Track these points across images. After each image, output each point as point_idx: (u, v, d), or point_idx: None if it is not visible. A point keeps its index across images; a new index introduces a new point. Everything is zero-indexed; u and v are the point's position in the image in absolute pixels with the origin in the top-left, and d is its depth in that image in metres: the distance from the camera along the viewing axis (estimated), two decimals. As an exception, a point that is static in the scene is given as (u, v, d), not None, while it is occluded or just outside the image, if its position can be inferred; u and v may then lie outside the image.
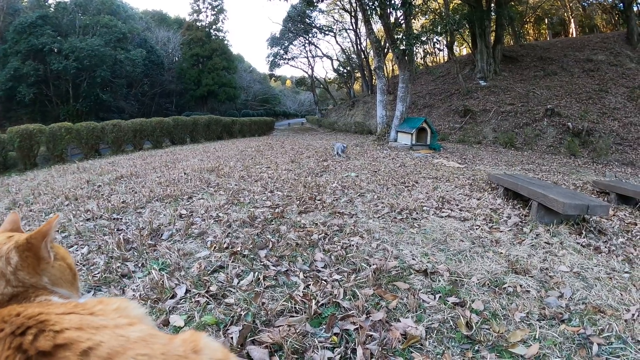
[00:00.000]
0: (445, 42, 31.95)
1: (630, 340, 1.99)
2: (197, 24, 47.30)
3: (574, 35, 33.33)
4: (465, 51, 37.06)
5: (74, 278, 0.89)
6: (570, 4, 35.34)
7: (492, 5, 23.27)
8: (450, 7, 25.62)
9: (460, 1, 25.35)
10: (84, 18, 32.58)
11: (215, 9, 48.01)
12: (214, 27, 48.27)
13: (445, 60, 35.24)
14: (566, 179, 8.16)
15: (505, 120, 17.66)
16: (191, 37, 45.49)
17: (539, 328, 2.05)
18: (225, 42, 49.67)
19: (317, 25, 39.83)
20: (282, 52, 40.95)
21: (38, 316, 0.63)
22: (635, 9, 25.82)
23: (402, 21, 15.78)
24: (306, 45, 42.60)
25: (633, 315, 2.25)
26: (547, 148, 14.86)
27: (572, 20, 36.21)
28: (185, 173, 6.47)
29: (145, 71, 37.56)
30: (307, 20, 38.20)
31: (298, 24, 38.33)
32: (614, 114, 15.96)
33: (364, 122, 25.04)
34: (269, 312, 2.03)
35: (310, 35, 40.97)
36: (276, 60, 41.07)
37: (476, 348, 1.85)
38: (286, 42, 40.59)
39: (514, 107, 18.27)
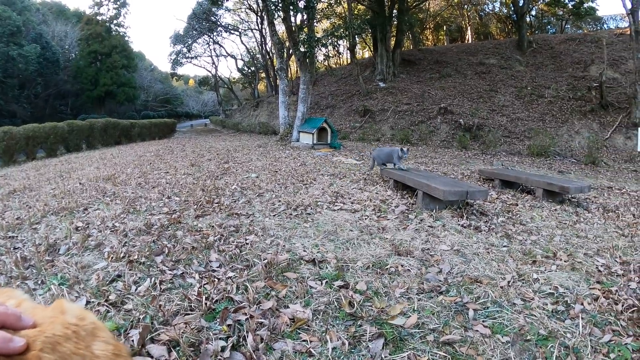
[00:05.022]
0: (347, 46, 33.13)
1: (505, 303, 2.30)
2: (98, 17, 44.01)
3: (470, 42, 36.27)
4: (367, 54, 38.66)
5: None
6: (468, 13, 38.58)
7: (395, 11, 24.66)
8: (356, 11, 26.55)
9: (364, 7, 26.39)
10: (-27, 8, 28.32)
11: (118, 2, 45.07)
12: (115, 21, 45.36)
13: (348, 62, 36.40)
14: (456, 170, 8.96)
15: (402, 118, 18.84)
16: (90, 32, 42.13)
17: (418, 301, 2.30)
18: (126, 38, 47.09)
19: (223, 24, 39.08)
20: (185, 50, 39.38)
21: None
22: (527, 19, 28.95)
23: (306, 24, 16.07)
24: (211, 43, 41.57)
25: (509, 282, 2.59)
26: (441, 143, 16.18)
27: (469, 27, 39.57)
28: (80, 183, 6.07)
29: (39, 70, 33.65)
30: (212, 18, 37.20)
31: (203, 22, 37.16)
32: (502, 111, 17.86)
33: (268, 123, 25.00)
34: (165, 313, 2.07)
35: (215, 33, 40.04)
36: (179, 58, 39.39)
37: (359, 323, 2.05)
38: (190, 40, 39.12)
39: (410, 106, 19.56)
